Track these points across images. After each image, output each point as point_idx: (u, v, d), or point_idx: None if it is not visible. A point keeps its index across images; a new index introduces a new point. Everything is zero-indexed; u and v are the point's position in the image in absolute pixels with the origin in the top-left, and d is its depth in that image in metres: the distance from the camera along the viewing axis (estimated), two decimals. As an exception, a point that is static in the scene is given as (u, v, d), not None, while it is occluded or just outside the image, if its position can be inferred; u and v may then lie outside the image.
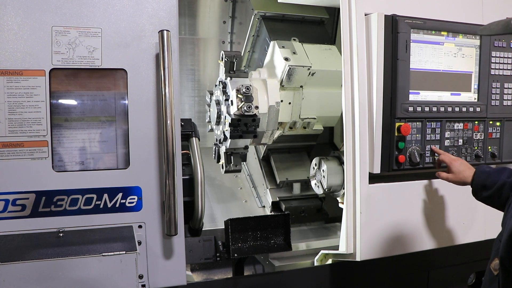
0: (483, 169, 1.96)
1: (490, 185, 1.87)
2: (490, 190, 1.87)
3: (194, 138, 2.19)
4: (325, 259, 2.42)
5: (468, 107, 2.32)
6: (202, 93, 3.26)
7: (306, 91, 2.56)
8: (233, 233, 2.26)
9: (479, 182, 1.92)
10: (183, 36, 3.13)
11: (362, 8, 2.11)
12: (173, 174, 1.77)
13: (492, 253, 1.57)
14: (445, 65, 2.29)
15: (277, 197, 2.83)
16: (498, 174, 1.88)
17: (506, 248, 1.43)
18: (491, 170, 1.93)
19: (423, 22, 2.19)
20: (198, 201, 2.06)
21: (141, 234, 1.85)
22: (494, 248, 1.57)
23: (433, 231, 2.31)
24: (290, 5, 2.63)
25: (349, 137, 2.12)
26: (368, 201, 2.14)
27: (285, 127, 2.63)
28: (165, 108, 1.76)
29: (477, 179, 1.93)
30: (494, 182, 1.86)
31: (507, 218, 1.55)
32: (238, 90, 2.31)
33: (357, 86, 2.10)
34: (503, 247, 1.44)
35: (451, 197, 2.33)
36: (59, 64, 1.75)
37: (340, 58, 2.55)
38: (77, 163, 1.80)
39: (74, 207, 1.77)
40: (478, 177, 1.93)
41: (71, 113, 1.80)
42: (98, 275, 1.63)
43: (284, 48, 2.51)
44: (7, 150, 1.70)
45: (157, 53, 1.83)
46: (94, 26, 1.78)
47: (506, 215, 1.60)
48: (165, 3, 1.86)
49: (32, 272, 1.57)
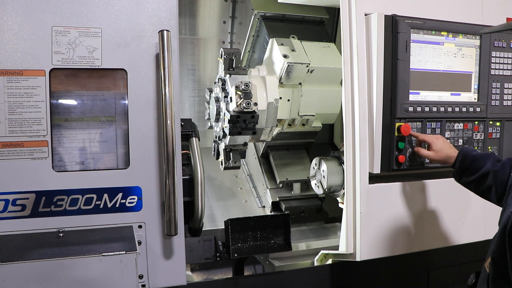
0: (468, 152, 1.91)
1: (474, 171, 1.84)
2: (473, 175, 1.84)
3: (194, 138, 2.19)
4: (325, 259, 2.42)
5: (468, 107, 2.32)
6: (202, 93, 3.26)
7: (305, 88, 2.57)
8: (233, 233, 2.26)
9: (463, 165, 1.89)
10: (183, 36, 3.13)
11: (362, 8, 2.11)
12: (173, 174, 1.77)
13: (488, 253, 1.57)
14: (445, 65, 2.29)
15: (277, 197, 2.83)
16: (483, 160, 1.84)
17: (498, 242, 1.44)
18: (476, 155, 1.89)
19: (423, 22, 2.19)
20: (198, 201, 2.06)
21: (141, 234, 1.85)
22: (490, 247, 1.57)
23: (433, 231, 2.31)
24: (290, 5, 2.63)
25: (349, 137, 2.12)
26: (368, 201, 2.14)
27: (284, 124, 2.64)
28: (165, 108, 1.76)
29: (461, 161, 1.90)
30: (478, 168, 1.83)
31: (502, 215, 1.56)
32: (237, 87, 2.31)
33: (357, 86, 2.10)
34: (496, 242, 1.46)
35: (451, 197, 2.33)
36: (59, 64, 1.75)
37: (339, 56, 2.57)
38: (77, 163, 1.80)
39: (74, 207, 1.77)
40: (463, 160, 1.89)
41: (71, 113, 1.80)
42: (98, 275, 1.63)
43: (283, 46, 2.51)
44: (7, 150, 1.70)
45: (157, 53, 1.83)
46: (94, 26, 1.78)
47: (502, 213, 1.60)
48: (165, 3, 1.86)
49: (32, 272, 1.56)
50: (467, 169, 1.88)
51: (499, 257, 1.43)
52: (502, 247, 1.41)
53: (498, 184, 1.78)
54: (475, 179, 1.85)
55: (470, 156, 1.89)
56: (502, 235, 1.42)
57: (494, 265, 1.47)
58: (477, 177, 1.84)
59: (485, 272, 1.55)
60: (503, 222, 1.44)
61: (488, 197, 1.85)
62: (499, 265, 1.44)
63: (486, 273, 1.53)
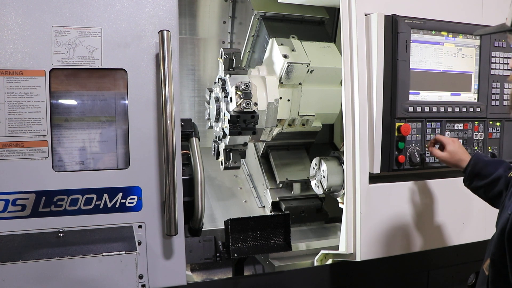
0: (481, 157, 1.91)
1: (486, 176, 1.83)
2: (484, 180, 1.84)
3: (194, 138, 2.19)
4: (325, 259, 2.42)
5: (468, 107, 2.32)
6: (202, 93, 3.26)
7: (305, 88, 2.57)
8: (233, 233, 2.26)
9: (475, 169, 1.88)
10: (183, 36, 3.13)
11: (362, 8, 2.11)
12: (173, 174, 1.77)
13: (486, 254, 1.56)
14: (445, 65, 2.29)
15: (277, 197, 2.83)
16: (495, 165, 1.84)
17: (497, 245, 1.42)
18: (489, 160, 1.89)
19: (423, 22, 2.19)
20: (198, 201, 2.06)
21: (141, 234, 1.85)
22: (487, 249, 1.56)
23: (433, 231, 2.31)
24: (290, 5, 2.63)
25: (349, 137, 2.12)
26: (368, 201, 2.14)
27: (284, 124, 2.64)
28: (165, 108, 1.76)
29: (473, 165, 1.89)
30: (490, 173, 1.83)
31: (500, 217, 1.55)
32: (237, 87, 2.31)
33: (357, 86, 2.10)
34: (495, 244, 1.44)
35: (451, 197, 2.32)
36: (59, 64, 1.75)
37: (338, 56, 2.57)
38: (77, 163, 1.80)
39: (74, 207, 1.77)
40: (475, 164, 1.89)
41: (71, 113, 1.80)
42: (98, 275, 1.63)
43: (283, 46, 2.51)
44: (7, 150, 1.70)
45: (157, 53, 1.83)
46: (94, 26, 1.78)
47: (500, 215, 1.59)
48: (165, 3, 1.86)
49: (32, 272, 1.56)
50: (478, 174, 1.87)
51: (498, 260, 1.42)
52: (501, 250, 1.40)
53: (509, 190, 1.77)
54: (486, 184, 1.84)
55: (482, 161, 1.89)
56: (500, 237, 1.41)
57: (493, 268, 1.46)
58: (488, 182, 1.82)
59: (483, 274, 1.54)
60: (502, 224, 1.42)
61: (498, 204, 1.82)
62: (498, 267, 1.43)
63: (484, 275, 1.52)
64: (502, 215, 1.53)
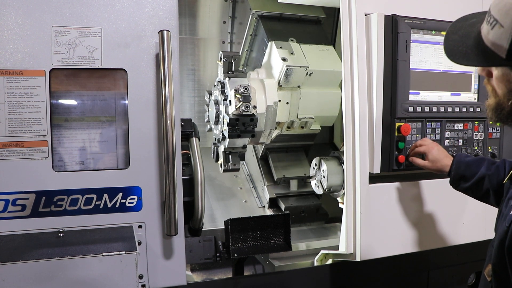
0: (462, 158, 1.92)
1: (469, 177, 1.84)
2: (469, 182, 1.85)
3: (194, 138, 2.18)
4: (325, 259, 2.42)
5: (468, 107, 2.32)
6: (202, 93, 3.26)
7: (304, 91, 2.57)
8: (233, 233, 2.26)
9: (458, 172, 1.89)
10: (183, 36, 3.13)
11: (362, 8, 2.11)
12: (173, 174, 1.77)
13: (486, 259, 1.55)
14: (445, 65, 2.29)
15: (275, 193, 2.84)
16: (477, 165, 1.84)
17: (497, 254, 1.40)
18: (470, 160, 1.89)
19: (423, 22, 2.19)
20: (198, 201, 2.06)
21: (141, 234, 1.85)
22: (487, 254, 1.54)
23: (433, 231, 2.31)
24: (288, 5, 2.63)
25: (349, 137, 2.12)
26: (368, 201, 2.14)
27: (283, 126, 2.64)
28: (165, 108, 1.76)
29: (456, 169, 1.90)
30: (473, 173, 1.83)
31: (498, 224, 1.52)
32: (236, 90, 2.32)
33: (357, 86, 2.10)
34: (495, 254, 1.42)
35: (451, 197, 2.32)
36: (59, 64, 1.75)
37: (337, 58, 2.58)
38: (77, 163, 1.80)
39: (74, 207, 1.77)
40: (457, 168, 1.90)
41: (71, 113, 1.80)
42: (98, 275, 1.63)
43: (281, 49, 2.52)
44: (7, 150, 1.70)
45: (157, 53, 1.83)
46: (94, 26, 1.78)
47: (498, 221, 1.56)
48: (165, 3, 1.86)
49: (32, 272, 1.56)
50: (462, 176, 1.88)
51: (501, 271, 1.41)
52: (502, 260, 1.38)
53: (495, 187, 1.78)
54: (472, 185, 1.85)
55: (464, 163, 1.89)
56: (500, 248, 1.39)
57: (496, 277, 1.44)
58: (473, 183, 1.84)
59: (485, 280, 1.52)
60: (500, 235, 1.40)
61: (488, 201, 1.84)
62: (501, 277, 1.42)
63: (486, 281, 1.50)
64: (500, 222, 1.50)
